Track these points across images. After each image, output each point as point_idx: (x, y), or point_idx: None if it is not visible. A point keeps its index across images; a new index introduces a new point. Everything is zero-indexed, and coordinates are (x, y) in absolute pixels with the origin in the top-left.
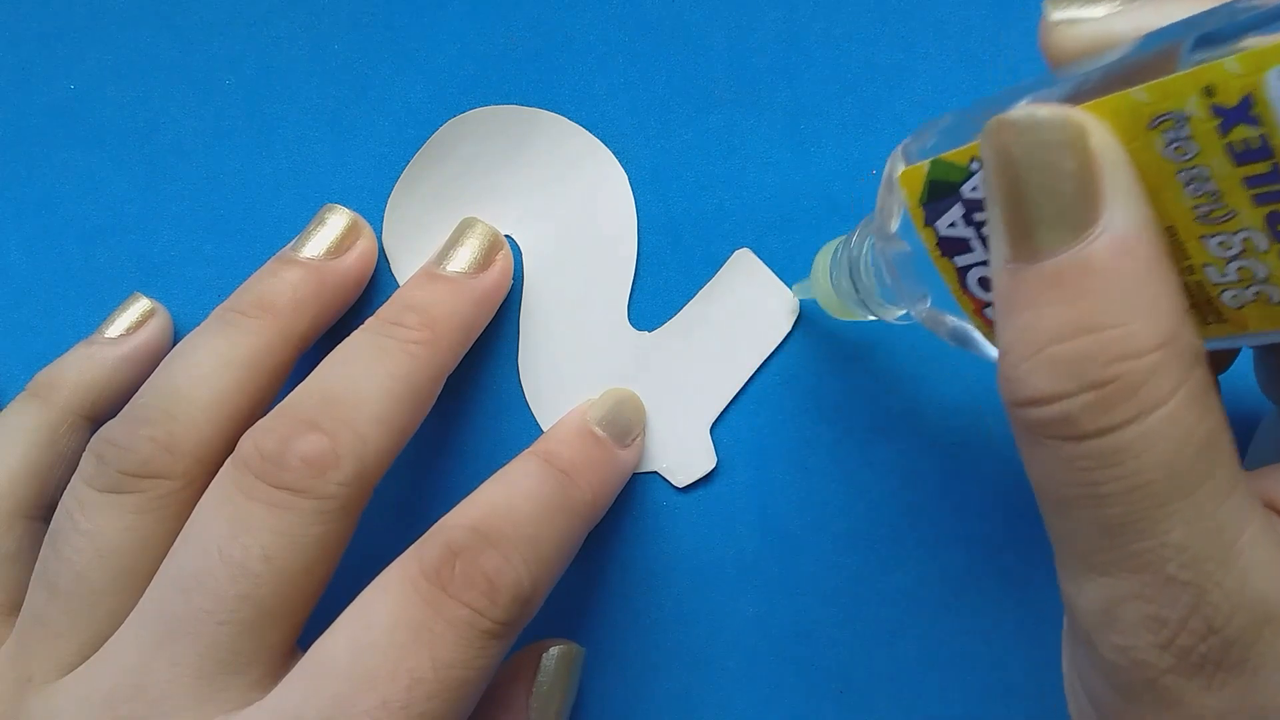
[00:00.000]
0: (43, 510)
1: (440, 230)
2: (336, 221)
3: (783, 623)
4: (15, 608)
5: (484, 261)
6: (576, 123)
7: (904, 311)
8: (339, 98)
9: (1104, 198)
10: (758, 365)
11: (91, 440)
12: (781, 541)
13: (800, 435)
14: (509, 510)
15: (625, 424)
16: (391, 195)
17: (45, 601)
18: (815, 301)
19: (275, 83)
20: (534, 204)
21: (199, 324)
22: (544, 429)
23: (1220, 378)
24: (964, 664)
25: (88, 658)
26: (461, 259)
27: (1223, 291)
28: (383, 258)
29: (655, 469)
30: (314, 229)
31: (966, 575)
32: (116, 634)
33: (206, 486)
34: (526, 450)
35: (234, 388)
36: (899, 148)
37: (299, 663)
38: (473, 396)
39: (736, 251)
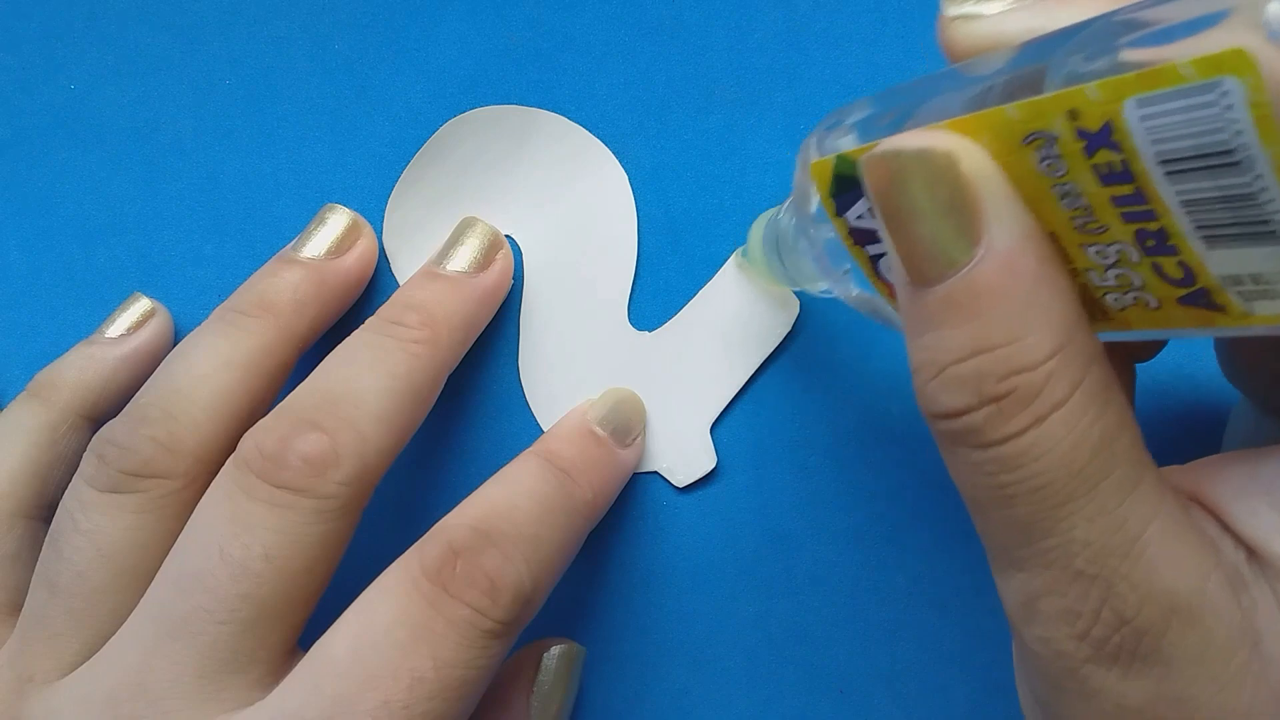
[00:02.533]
0: (43, 510)
1: (440, 230)
2: (337, 221)
3: (783, 623)
4: (16, 608)
5: (484, 261)
6: (576, 122)
7: (827, 287)
8: (339, 98)
9: (982, 220)
10: (758, 365)
11: (92, 440)
12: (781, 541)
13: (800, 435)
14: (510, 510)
15: (625, 423)
16: (391, 195)
17: (46, 601)
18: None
19: (275, 83)
20: (534, 204)
21: (199, 324)
22: (544, 429)
23: (1191, 367)
24: (964, 664)
25: (89, 657)
26: (462, 258)
27: (1105, 294)
28: (383, 258)
29: (655, 469)
30: (314, 229)
31: (966, 575)
32: (117, 634)
33: (207, 486)
34: (527, 450)
35: (235, 387)
36: (812, 135)
37: (300, 662)
38: (473, 396)
39: (736, 251)
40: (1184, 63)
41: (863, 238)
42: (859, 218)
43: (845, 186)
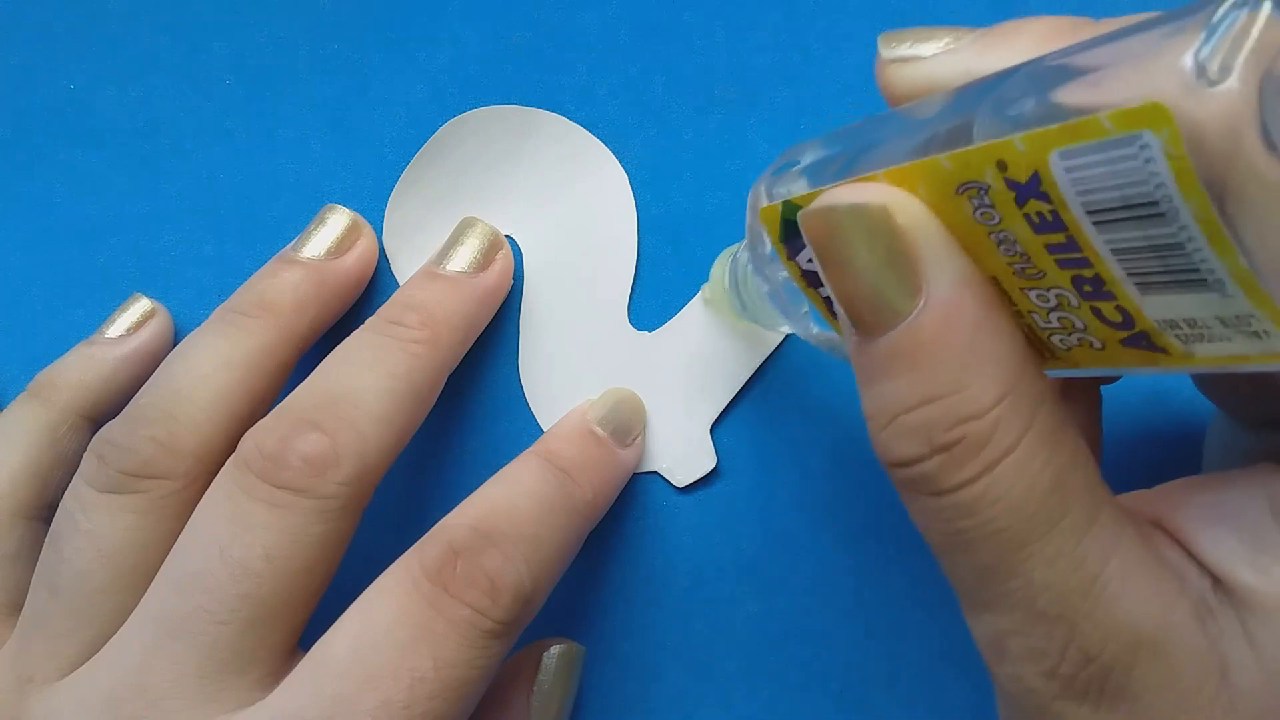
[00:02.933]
0: (43, 511)
1: (440, 230)
2: (337, 221)
3: (783, 623)
4: (16, 608)
5: (484, 261)
6: (576, 122)
7: (787, 325)
8: (339, 98)
9: (921, 271)
10: (758, 365)
11: (92, 440)
12: (781, 541)
13: (800, 435)
14: (510, 510)
15: (625, 423)
16: (391, 195)
17: (46, 602)
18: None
19: (275, 83)
20: (534, 204)
21: (199, 324)
22: (544, 429)
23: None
24: (964, 664)
25: (89, 658)
26: (461, 258)
27: (1050, 335)
28: (383, 258)
29: (655, 469)
30: (314, 229)
31: None
32: (118, 634)
33: (207, 486)
34: (527, 450)
35: (235, 388)
36: (762, 178)
37: (300, 662)
38: (473, 396)
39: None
40: (1103, 116)
41: (816, 280)
42: (810, 260)
43: (795, 230)
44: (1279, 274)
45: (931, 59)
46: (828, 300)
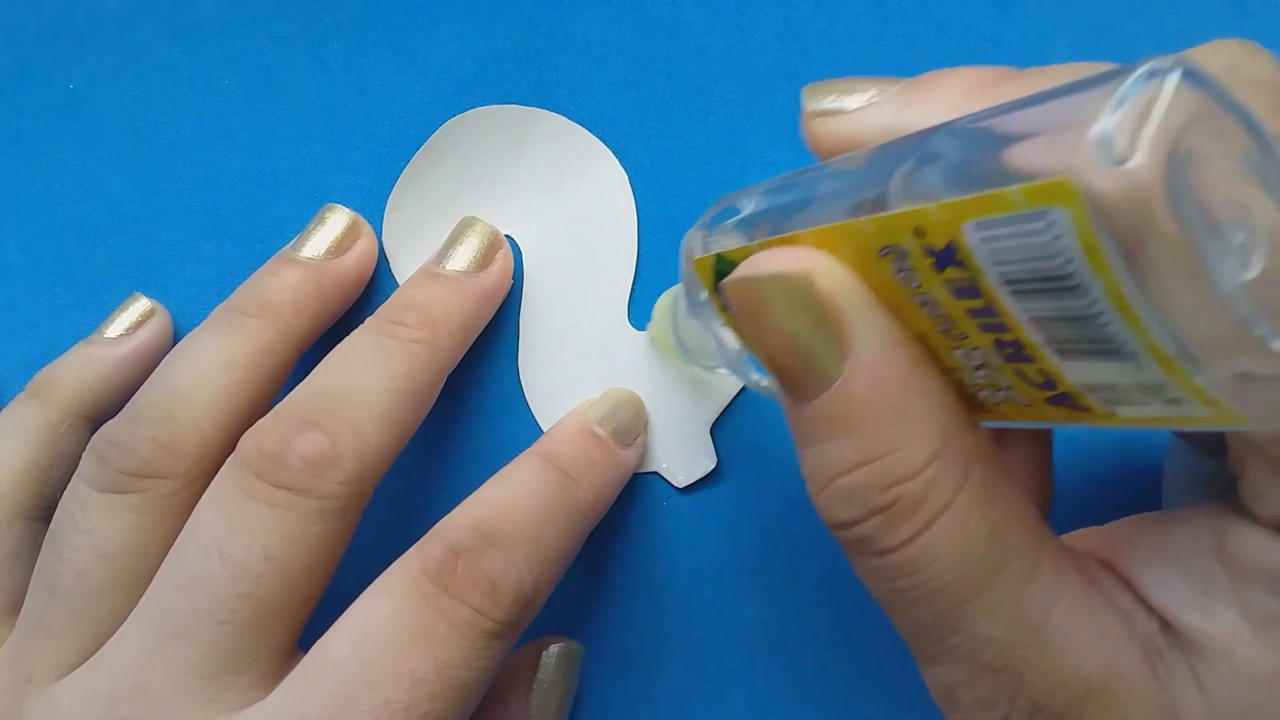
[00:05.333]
0: (42, 511)
1: (440, 230)
2: (336, 221)
3: (783, 623)
4: (15, 608)
5: (484, 260)
6: (576, 122)
7: (728, 372)
8: (339, 98)
9: (845, 335)
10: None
11: (92, 440)
12: (781, 541)
13: None
14: (510, 510)
15: (626, 424)
16: (391, 195)
17: (45, 602)
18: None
19: (275, 83)
20: (534, 204)
21: (199, 324)
22: (544, 429)
23: None
24: None
25: (88, 658)
26: (461, 258)
27: (978, 391)
28: (383, 257)
29: (655, 469)
30: (314, 229)
31: None
32: (117, 634)
33: (207, 486)
34: (527, 450)
35: (234, 387)
36: (696, 228)
37: (300, 663)
38: (473, 396)
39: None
40: (1014, 190)
41: None
42: None
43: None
44: (1192, 344)
45: (855, 113)
46: None
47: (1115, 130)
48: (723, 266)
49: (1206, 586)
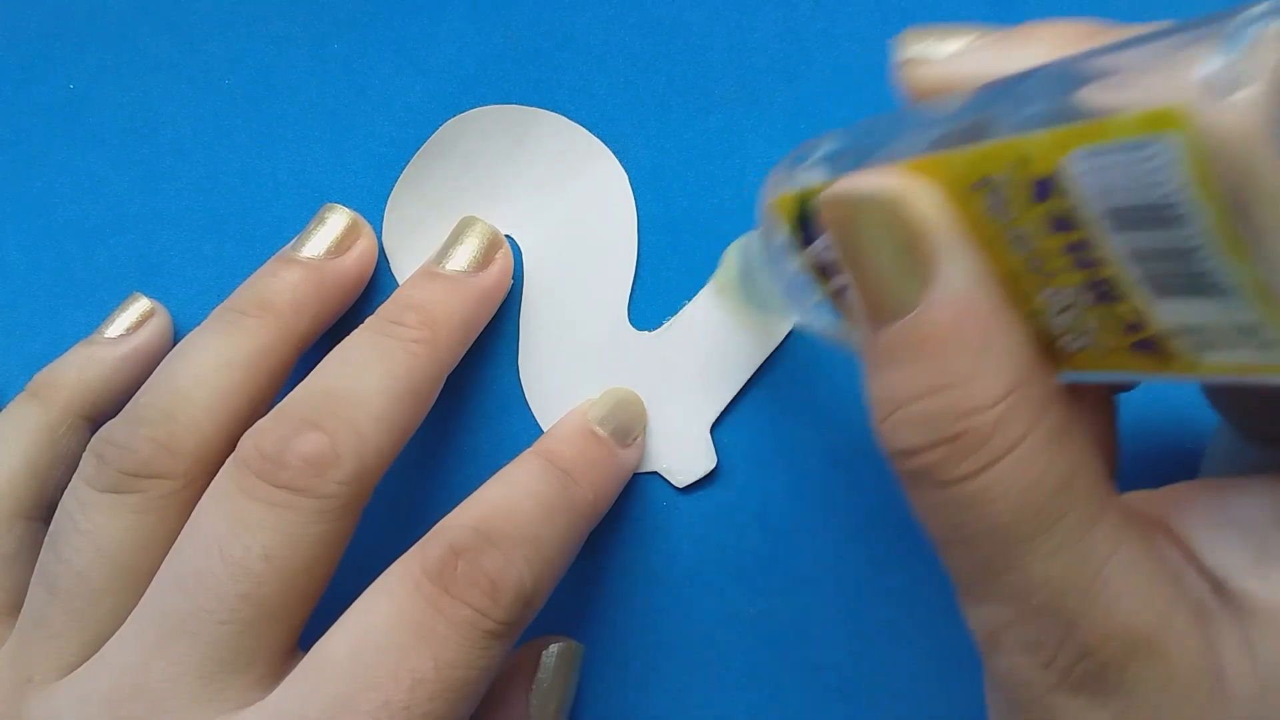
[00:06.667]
0: (43, 511)
1: (440, 230)
2: (337, 221)
3: (783, 623)
4: (15, 608)
5: (484, 260)
6: (576, 122)
7: (797, 316)
8: (339, 98)
9: (934, 262)
10: (758, 365)
11: (92, 440)
12: (781, 541)
13: (800, 436)
14: (510, 510)
15: (626, 423)
16: (391, 195)
17: (45, 602)
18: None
19: (275, 83)
20: (534, 204)
21: (199, 324)
22: (544, 429)
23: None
24: (964, 664)
25: (88, 658)
26: (461, 257)
27: (1059, 338)
28: (383, 257)
29: (655, 469)
30: (314, 228)
31: None
32: (117, 634)
33: (207, 486)
34: (527, 450)
35: (234, 387)
36: (778, 168)
37: (300, 663)
38: (473, 396)
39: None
40: (1124, 117)
41: (827, 271)
42: (824, 249)
43: (809, 221)
44: None
45: (952, 59)
46: (838, 292)
47: (1229, 63)
48: (804, 203)
49: (1264, 552)
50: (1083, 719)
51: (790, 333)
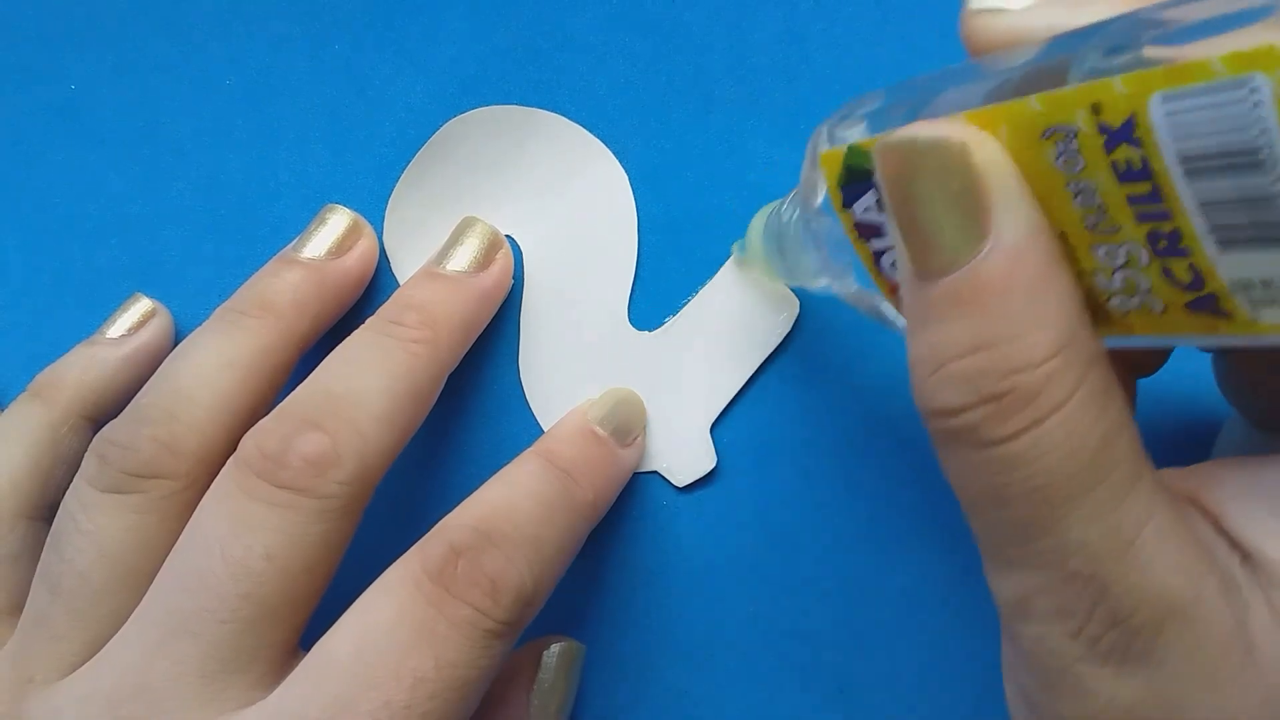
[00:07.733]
0: (44, 511)
1: (440, 230)
2: (337, 221)
3: (783, 623)
4: (17, 609)
5: (484, 260)
6: (576, 122)
7: (826, 282)
8: (339, 98)
9: (991, 213)
10: (758, 365)
11: (94, 441)
12: (781, 541)
13: (800, 436)
14: (511, 510)
15: (626, 423)
16: (392, 195)
17: (47, 602)
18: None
19: (275, 83)
20: (534, 204)
21: (200, 324)
22: (544, 429)
23: (1185, 380)
24: (964, 664)
25: (90, 658)
26: (462, 258)
27: (1110, 298)
28: (383, 258)
29: (655, 469)
30: (315, 229)
31: (966, 575)
32: (118, 634)
33: (209, 486)
34: (527, 450)
35: (236, 388)
36: (823, 125)
37: (301, 662)
38: (473, 396)
39: (735, 245)
40: (1215, 58)
41: (868, 232)
42: (865, 210)
43: (854, 178)
44: None
45: (1022, 11)
46: (876, 255)
47: None
48: (853, 158)
49: None
50: (1110, 689)
51: (790, 332)
